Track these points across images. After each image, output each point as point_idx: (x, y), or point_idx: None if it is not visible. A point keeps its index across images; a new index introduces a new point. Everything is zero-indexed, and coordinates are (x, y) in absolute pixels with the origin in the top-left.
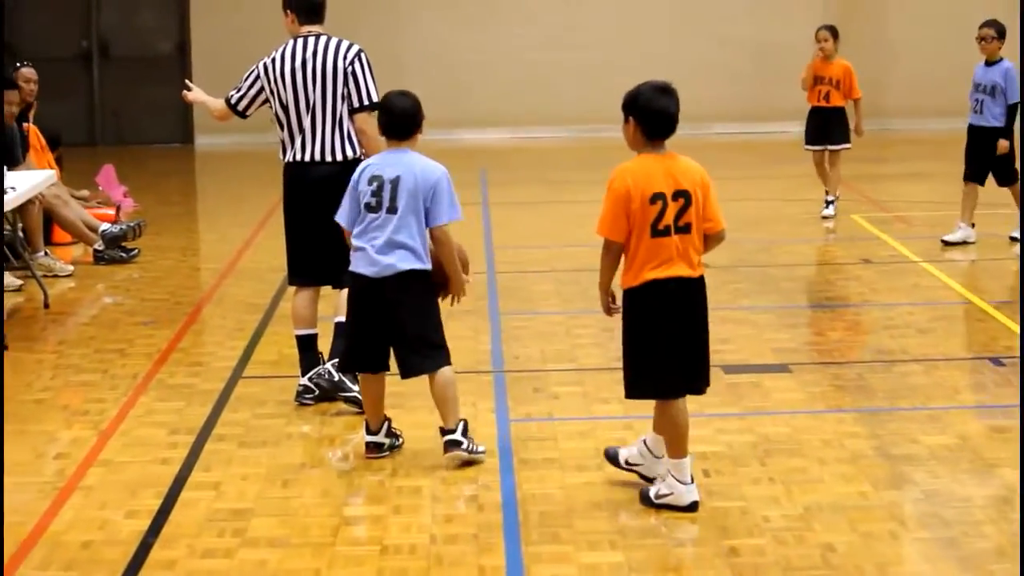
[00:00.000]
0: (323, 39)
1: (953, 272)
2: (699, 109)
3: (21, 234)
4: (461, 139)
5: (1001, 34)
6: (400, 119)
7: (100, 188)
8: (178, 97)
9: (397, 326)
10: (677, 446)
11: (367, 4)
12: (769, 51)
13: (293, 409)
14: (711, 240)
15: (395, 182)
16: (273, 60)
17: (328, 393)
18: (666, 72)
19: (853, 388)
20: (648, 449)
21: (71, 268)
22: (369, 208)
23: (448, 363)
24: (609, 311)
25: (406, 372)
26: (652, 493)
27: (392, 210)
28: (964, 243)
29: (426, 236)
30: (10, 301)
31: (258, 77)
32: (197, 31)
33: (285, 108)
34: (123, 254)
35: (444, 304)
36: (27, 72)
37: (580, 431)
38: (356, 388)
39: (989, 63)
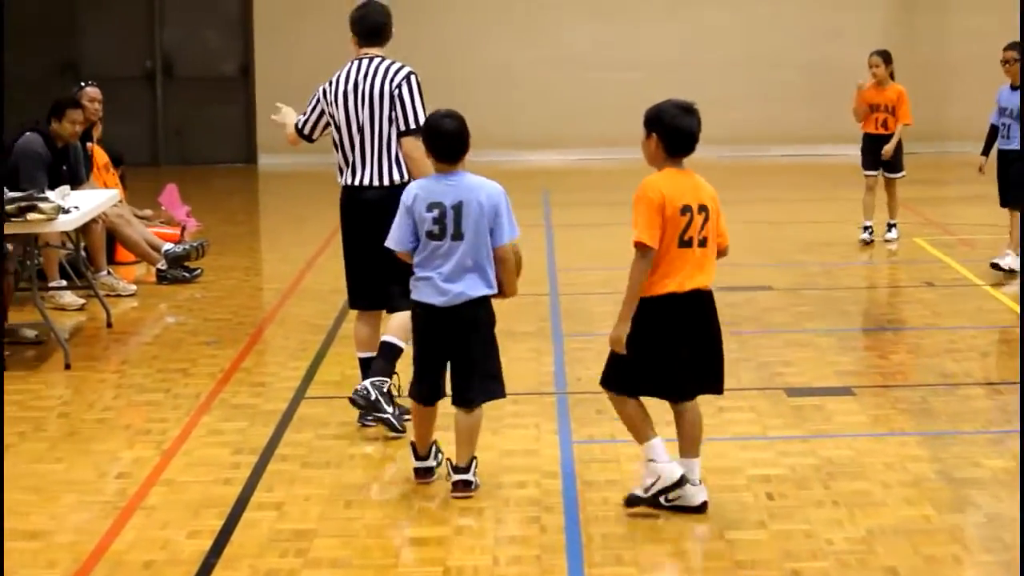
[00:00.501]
0: (375, 61)
1: (1016, 296)
2: (757, 131)
3: (84, 253)
4: (523, 160)
5: None
6: (449, 141)
7: (163, 208)
8: (242, 117)
9: (464, 354)
10: (639, 431)
11: (428, 25)
12: (827, 73)
13: (356, 429)
14: (719, 255)
15: (458, 208)
16: (330, 83)
17: (365, 411)
18: (724, 94)
19: (916, 411)
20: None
21: (134, 288)
22: (432, 236)
23: (504, 395)
24: (623, 343)
25: (467, 401)
26: (640, 491)
27: (458, 236)
28: (1013, 271)
29: (491, 258)
30: (73, 320)
31: (318, 101)
32: (261, 51)
33: (339, 130)
34: (186, 274)
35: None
36: (91, 91)
37: (641, 454)
38: (391, 409)
39: (1014, 86)
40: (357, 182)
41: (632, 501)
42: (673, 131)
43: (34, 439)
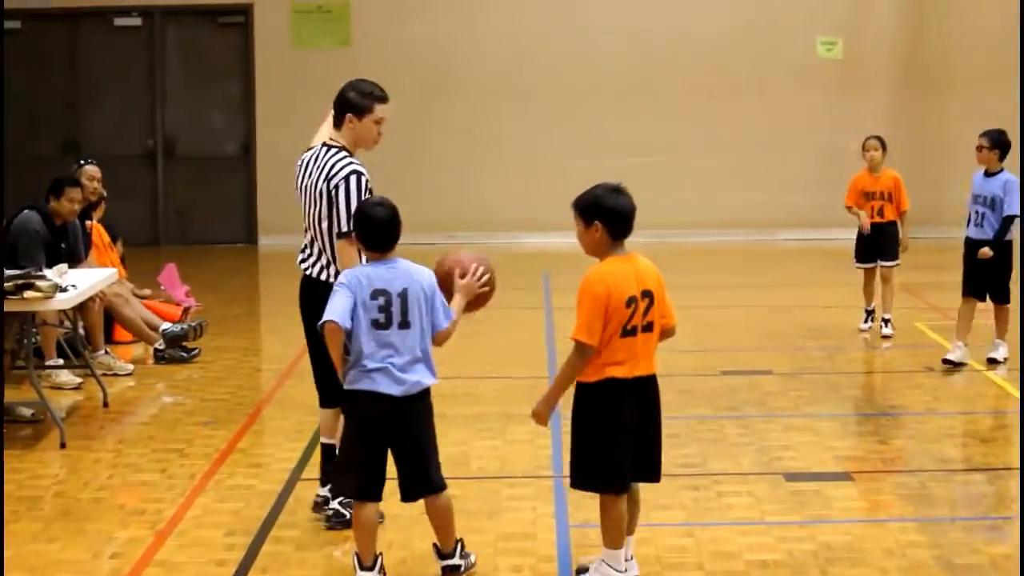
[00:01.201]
0: (327, 153)
1: (1016, 381)
2: (765, 216)
3: (82, 332)
4: (524, 243)
5: (996, 144)
6: (384, 229)
7: (162, 287)
8: (243, 196)
9: (418, 442)
10: (614, 537)
11: (439, 104)
12: (831, 157)
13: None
14: (664, 335)
15: (403, 295)
16: (301, 161)
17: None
18: (732, 180)
19: (915, 497)
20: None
21: (131, 367)
22: (378, 325)
23: (445, 486)
24: (546, 421)
25: (418, 492)
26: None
27: (405, 324)
28: (962, 364)
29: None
30: (69, 399)
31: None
32: (263, 131)
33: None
34: (183, 354)
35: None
36: (91, 170)
37: (640, 537)
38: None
39: (988, 174)
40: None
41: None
42: (616, 215)
43: (28, 519)
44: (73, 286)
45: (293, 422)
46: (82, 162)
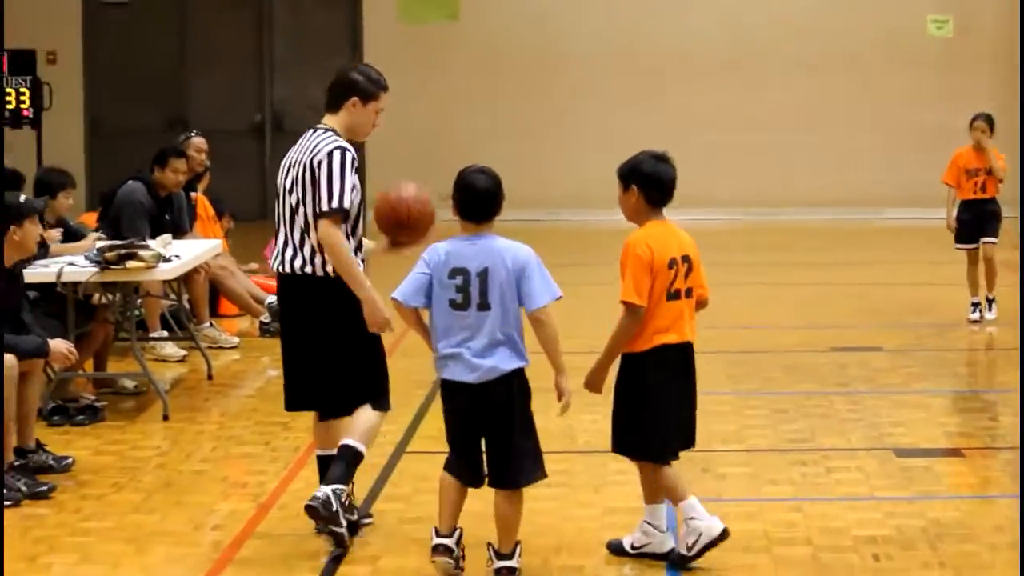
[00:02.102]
0: (315, 133)
1: None
2: (868, 194)
3: (187, 304)
4: (623, 219)
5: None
6: (480, 199)
7: (268, 261)
8: None
9: (499, 434)
10: (673, 494)
11: (535, 86)
12: (936, 135)
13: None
14: (700, 305)
15: (483, 275)
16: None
17: (323, 522)
18: (838, 157)
19: None
20: (652, 526)
21: (236, 340)
22: (455, 305)
23: (544, 475)
24: (600, 389)
25: (508, 483)
26: (628, 544)
27: (484, 306)
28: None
29: (522, 326)
30: (173, 371)
31: None
32: None
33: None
34: None
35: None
36: (197, 142)
37: (748, 512)
38: (345, 524)
39: None
40: (287, 268)
41: (616, 549)
42: (654, 181)
43: (130, 490)
44: (176, 257)
45: (397, 395)
46: (189, 134)
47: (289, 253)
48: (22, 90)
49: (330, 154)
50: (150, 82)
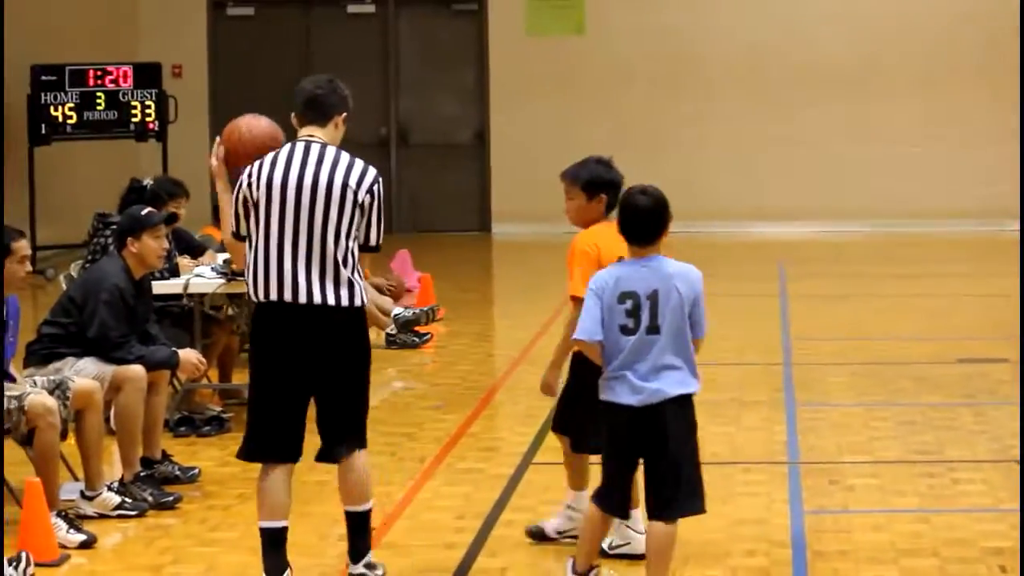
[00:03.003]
0: (329, 150)
1: None
2: (998, 205)
3: None
4: (758, 232)
5: None
6: (644, 220)
7: (395, 273)
8: (476, 184)
9: (661, 460)
10: (577, 481)
11: (661, 99)
12: None
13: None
14: None
15: (653, 297)
16: (258, 167)
17: None
18: (967, 169)
19: None
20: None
21: None
22: (625, 331)
23: (704, 510)
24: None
25: (673, 513)
26: (606, 545)
27: (653, 329)
28: None
29: (692, 351)
30: None
31: (239, 190)
32: (496, 119)
33: (266, 228)
34: (415, 338)
35: None
36: None
37: (876, 524)
38: None
39: None
40: (290, 297)
41: (539, 535)
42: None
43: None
44: None
45: (525, 407)
46: None
47: (316, 282)
48: (148, 103)
49: (377, 180)
50: (275, 95)
